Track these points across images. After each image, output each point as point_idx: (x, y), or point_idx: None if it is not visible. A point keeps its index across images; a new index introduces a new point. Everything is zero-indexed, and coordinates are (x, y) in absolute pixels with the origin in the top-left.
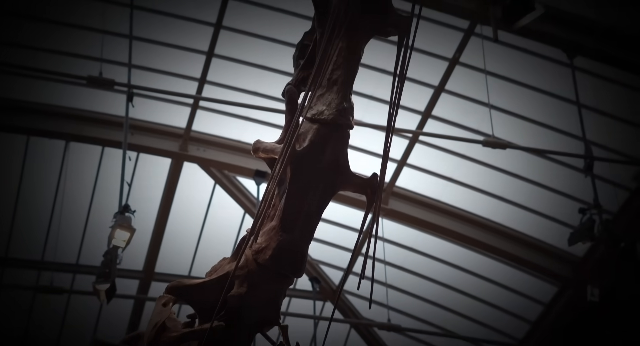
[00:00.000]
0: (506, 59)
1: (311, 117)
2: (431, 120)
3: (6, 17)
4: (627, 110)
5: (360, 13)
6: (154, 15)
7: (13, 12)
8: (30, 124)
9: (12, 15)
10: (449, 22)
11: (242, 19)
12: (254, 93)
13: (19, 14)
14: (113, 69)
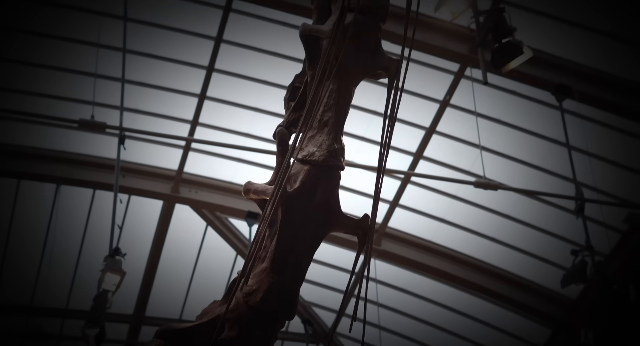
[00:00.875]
0: (496, 101)
1: (302, 158)
2: (423, 161)
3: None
4: (617, 152)
5: (351, 56)
6: (146, 59)
7: (3, 57)
8: (21, 168)
9: (1, 60)
10: (439, 65)
11: (234, 61)
12: (246, 135)
13: (9, 59)
14: (105, 111)
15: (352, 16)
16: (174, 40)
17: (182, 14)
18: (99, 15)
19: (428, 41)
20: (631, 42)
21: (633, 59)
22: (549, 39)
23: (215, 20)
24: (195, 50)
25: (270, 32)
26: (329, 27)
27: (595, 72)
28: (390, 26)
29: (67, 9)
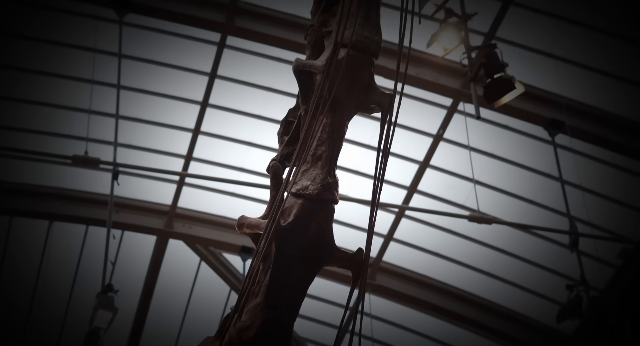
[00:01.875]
0: (489, 135)
1: (296, 192)
2: (417, 194)
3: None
4: (610, 187)
5: (344, 91)
6: (140, 94)
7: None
8: (14, 205)
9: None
10: (432, 99)
11: (228, 96)
12: (240, 169)
13: (2, 96)
14: (99, 147)
15: (345, 51)
16: (169, 75)
17: (177, 50)
18: (94, 52)
19: (421, 76)
20: (622, 78)
21: (624, 95)
22: (541, 75)
23: (210, 56)
24: (190, 85)
25: (264, 67)
26: (322, 62)
27: (586, 108)
28: (383, 61)
29: (62, 46)
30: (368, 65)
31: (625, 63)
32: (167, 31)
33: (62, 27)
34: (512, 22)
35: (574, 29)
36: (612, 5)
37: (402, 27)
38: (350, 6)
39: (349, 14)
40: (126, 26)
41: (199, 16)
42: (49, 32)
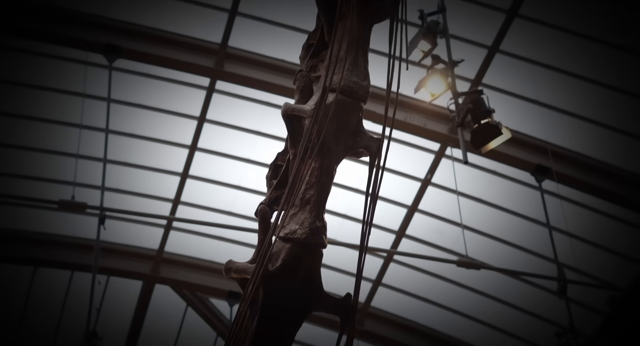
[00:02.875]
0: (477, 180)
1: (284, 236)
2: (405, 239)
3: None
4: (598, 234)
5: (333, 135)
6: (129, 139)
7: None
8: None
9: None
10: (420, 144)
11: (217, 140)
12: (228, 213)
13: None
14: (85, 191)
15: (333, 96)
16: (158, 119)
17: (166, 95)
18: (83, 97)
19: (409, 121)
20: (607, 126)
21: (608, 142)
22: (527, 120)
23: (199, 100)
24: (179, 129)
25: (252, 111)
26: (310, 107)
27: (572, 154)
28: (371, 106)
29: (51, 91)
30: (356, 110)
31: (609, 111)
32: (156, 76)
33: (52, 72)
34: (498, 69)
35: (559, 76)
36: (595, 55)
37: (390, 73)
38: (339, 52)
39: (337, 60)
40: (116, 71)
41: (189, 61)
42: (38, 77)
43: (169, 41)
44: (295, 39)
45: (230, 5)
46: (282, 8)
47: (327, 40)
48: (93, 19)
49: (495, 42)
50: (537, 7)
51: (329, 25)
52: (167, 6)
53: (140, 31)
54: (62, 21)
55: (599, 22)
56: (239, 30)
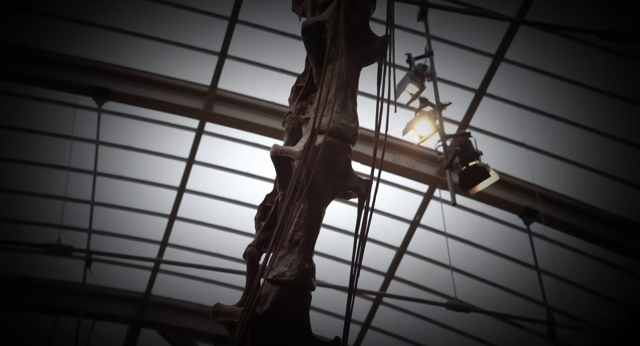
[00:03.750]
0: (466, 222)
1: (272, 278)
2: (394, 281)
3: None
4: (586, 278)
5: (322, 177)
6: (117, 180)
7: None
8: None
9: None
10: (409, 185)
11: (206, 181)
12: (216, 255)
13: None
14: (72, 234)
15: (322, 138)
16: (146, 161)
17: (154, 137)
18: (71, 139)
19: (397, 162)
20: (593, 170)
21: (596, 186)
22: (515, 163)
23: (188, 142)
24: (167, 171)
25: (241, 152)
26: (299, 149)
27: (560, 197)
28: (360, 147)
29: (40, 134)
30: (345, 152)
31: (596, 154)
32: (145, 118)
33: (41, 115)
34: (485, 112)
35: (545, 120)
36: (581, 99)
37: (378, 115)
38: (328, 94)
39: (326, 102)
40: (104, 113)
41: (178, 103)
42: (26, 121)
43: (159, 83)
44: (284, 81)
45: (220, 48)
46: (271, 50)
47: (316, 83)
48: (82, 62)
49: (482, 86)
50: (523, 52)
51: (318, 68)
52: (157, 49)
53: (130, 74)
54: (52, 65)
55: (585, 68)
56: (229, 72)
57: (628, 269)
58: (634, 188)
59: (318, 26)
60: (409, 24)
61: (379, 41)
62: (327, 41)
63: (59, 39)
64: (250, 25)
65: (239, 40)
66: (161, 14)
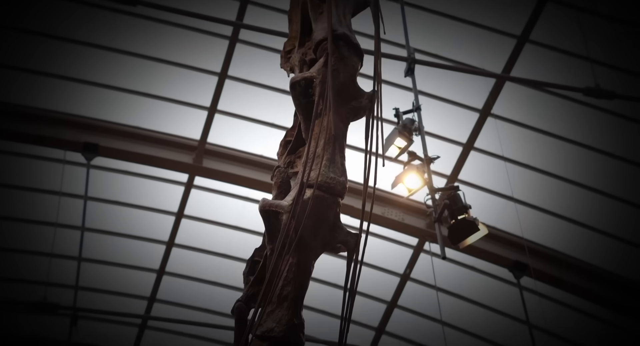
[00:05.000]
0: (456, 276)
1: (261, 334)
2: (385, 336)
3: None
4: (577, 332)
5: (310, 230)
6: (105, 236)
7: None
8: None
9: None
10: (398, 238)
11: (194, 236)
12: (205, 310)
13: None
14: (58, 290)
15: (311, 192)
16: (135, 216)
17: (143, 191)
18: (59, 195)
19: (386, 215)
20: (581, 224)
21: (585, 240)
22: (503, 217)
23: (177, 197)
24: (156, 225)
25: (230, 206)
26: (288, 202)
27: (549, 251)
28: (349, 200)
29: (28, 190)
30: (334, 206)
31: (584, 209)
32: (134, 173)
33: (29, 172)
34: (473, 165)
35: (532, 174)
36: (567, 154)
37: (367, 169)
38: (316, 148)
39: (314, 156)
40: (93, 169)
41: (168, 158)
42: (14, 177)
43: (148, 138)
44: (273, 134)
45: (210, 102)
46: (260, 105)
47: (305, 137)
48: (72, 118)
49: (470, 140)
50: (509, 107)
51: (306, 122)
52: (147, 104)
53: (120, 129)
54: (41, 121)
55: (571, 124)
56: (218, 127)
57: (620, 325)
58: (623, 243)
59: (306, 82)
60: (397, 78)
61: (366, 96)
62: (315, 96)
63: (48, 95)
64: (240, 80)
65: (229, 95)
66: (151, 69)
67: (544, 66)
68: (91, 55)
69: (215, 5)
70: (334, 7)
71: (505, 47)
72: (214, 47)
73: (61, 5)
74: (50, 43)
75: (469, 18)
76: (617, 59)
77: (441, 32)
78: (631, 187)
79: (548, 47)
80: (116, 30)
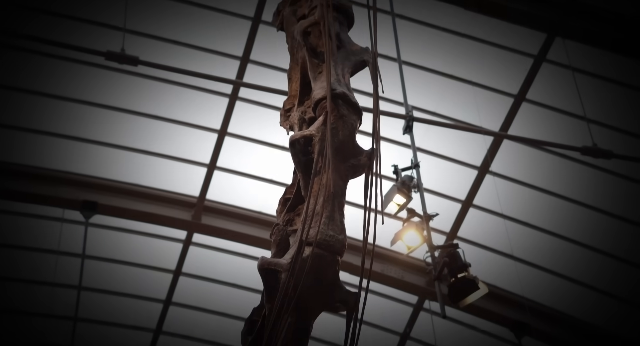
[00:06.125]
0: (456, 335)
1: None
2: None
3: None
4: None
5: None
6: (102, 295)
7: None
8: None
9: None
10: (398, 296)
11: (192, 294)
12: None
13: None
14: None
15: (310, 250)
16: (132, 274)
17: (141, 249)
18: (57, 254)
19: (386, 273)
20: (581, 283)
21: (585, 299)
22: (504, 275)
23: (175, 254)
24: (153, 283)
25: (229, 263)
26: (287, 261)
27: (550, 311)
28: (348, 257)
29: (24, 249)
30: (333, 264)
31: (584, 268)
32: (132, 230)
33: (27, 231)
34: (472, 222)
35: (531, 232)
36: (566, 212)
37: (366, 225)
38: (315, 206)
39: (313, 214)
40: (91, 227)
41: (166, 215)
42: (11, 236)
43: (147, 196)
44: (272, 191)
45: (209, 159)
46: (259, 162)
47: (304, 195)
48: (71, 176)
49: (469, 196)
50: (508, 165)
51: (306, 180)
52: (147, 162)
53: (118, 187)
54: (40, 180)
55: (569, 182)
56: (217, 183)
57: None
58: (624, 303)
59: (305, 140)
60: (395, 135)
61: (365, 154)
62: (314, 154)
63: (48, 154)
64: (239, 137)
65: (228, 152)
66: (151, 127)
67: (542, 124)
68: (91, 113)
69: (216, 64)
70: (332, 67)
71: (503, 105)
72: (214, 105)
73: (60, 64)
74: (50, 102)
75: (466, 77)
76: (613, 118)
77: (439, 90)
78: (632, 247)
79: (545, 106)
80: (116, 88)
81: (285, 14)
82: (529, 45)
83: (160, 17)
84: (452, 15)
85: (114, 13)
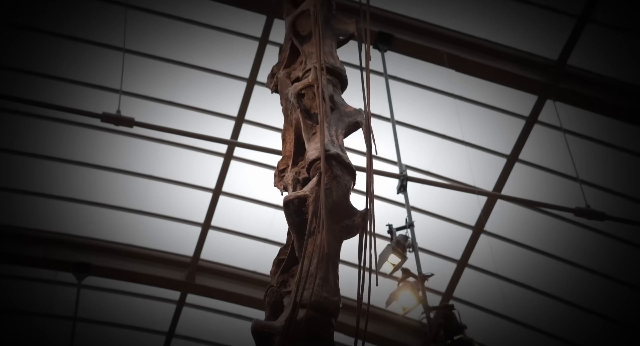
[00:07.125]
0: None
1: None
2: None
3: None
4: None
5: None
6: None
7: None
8: None
9: None
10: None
11: (193, 328)
12: None
13: None
14: None
15: (304, 312)
16: (124, 336)
17: (135, 310)
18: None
19: (381, 334)
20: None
21: None
22: (501, 336)
23: (168, 315)
24: (154, 318)
25: (223, 324)
26: (281, 323)
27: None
28: (343, 318)
29: (14, 313)
30: (327, 326)
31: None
32: (125, 291)
33: (20, 293)
34: (468, 283)
35: (527, 292)
36: (560, 273)
37: (360, 286)
38: (309, 267)
39: (307, 275)
40: (84, 288)
41: (160, 276)
42: (5, 300)
43: (141, 256)
44: (266, 250)
45: (204, 219)
46: (254, 221)
47: (298, 256)
48: (64, 237)
49: (464, 257)
50: (502, 225)
51: (300, 241)
52: (140, 222)
53: (112, 247)
54: (34, 242)
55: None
56: (211, 243)
57: None
58: None
59: (299, 200)
60: (390, 195)
61: (359, 215)
62: (308, 215)
63: (41, 216)
64: (234, 196)
65: (223, 211)
66: (146, 187)
67: (535, 185)
68: (84, 174)
69: (211, 124)
70: (326, 128)
71: (496, 165)
72: (209, 164)
73: (56, 126)
74: (43, 163)
75: (459, 137)
76: (606, 180)
77: (432, 150)
78: (627, 309)
79: (538, 167)
80: (111, 149)
81: (279, 76)
82: (520, 106)
83: (156, 78)
84: (445, 77)
85: (110, 75)
